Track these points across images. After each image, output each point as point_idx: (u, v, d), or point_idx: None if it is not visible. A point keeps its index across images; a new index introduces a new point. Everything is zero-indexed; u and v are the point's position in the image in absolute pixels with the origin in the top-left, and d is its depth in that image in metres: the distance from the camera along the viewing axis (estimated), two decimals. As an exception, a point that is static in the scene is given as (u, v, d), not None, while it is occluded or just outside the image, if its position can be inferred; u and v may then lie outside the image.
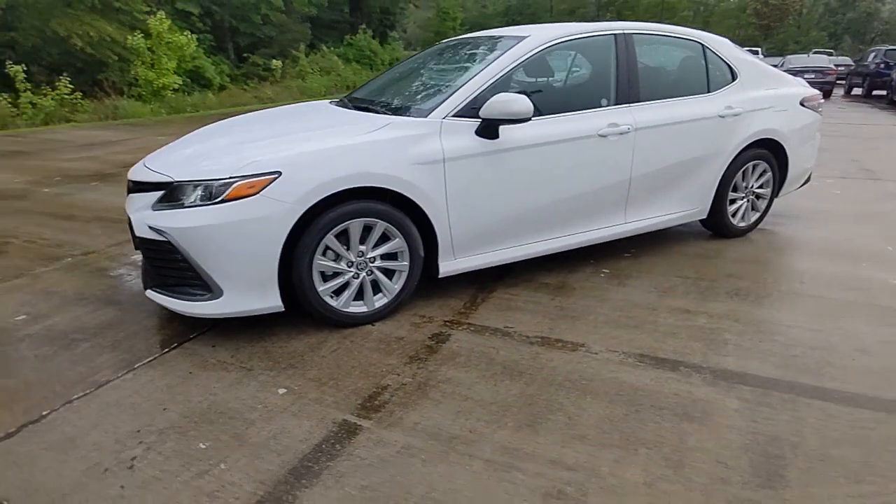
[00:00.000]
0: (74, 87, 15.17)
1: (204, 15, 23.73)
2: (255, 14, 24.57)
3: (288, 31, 25.41)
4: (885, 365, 2.53)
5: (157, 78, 16.19)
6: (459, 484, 1.86)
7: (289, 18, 25.59)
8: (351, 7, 30.81)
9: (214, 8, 24.12)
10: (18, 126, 13.05)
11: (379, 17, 30.96)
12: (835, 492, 1.81)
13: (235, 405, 2.29)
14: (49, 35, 18.46)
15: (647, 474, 1.89)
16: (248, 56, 24.32)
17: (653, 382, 2.42)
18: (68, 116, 14.31)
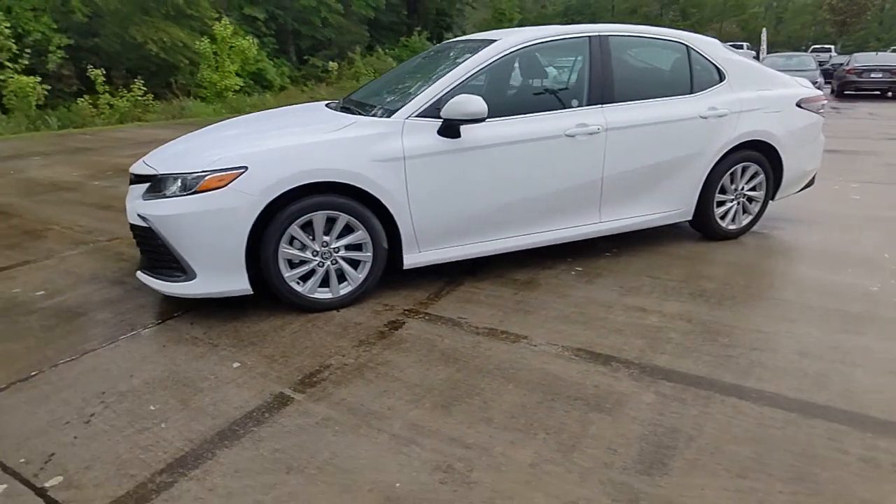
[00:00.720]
0: (147, 89, 16.22)
1: (268, 19, 24.75)
2: (316, 17, 25.41)
3: (346, 33, 26.14)
4: (821, 369, 2.49)
5: (220, 80, 17.09)
6: (360, 453, 2.02)
7: (347, 21, 26.30)
8: (408, 9, 31.32)
9: (278, 12, 25.10)
10: (96, 125, 14.11)
11: (435, 19, 31.34)
12: (711, 483, 1.85)
13: (192, 375, 2.54)
14: (128, 41, 19.83)
15: (536, 456, 1.99)
16: (308, 58, 25.21)
17: (578, 375, 2.49)
18: (140, 116, 15.34)
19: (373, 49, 27.42)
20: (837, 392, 2.32)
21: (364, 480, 1.89)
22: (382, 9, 28.05)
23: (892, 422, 2.14)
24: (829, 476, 1.87)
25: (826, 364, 2.53)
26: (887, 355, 2.58)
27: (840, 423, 2.13)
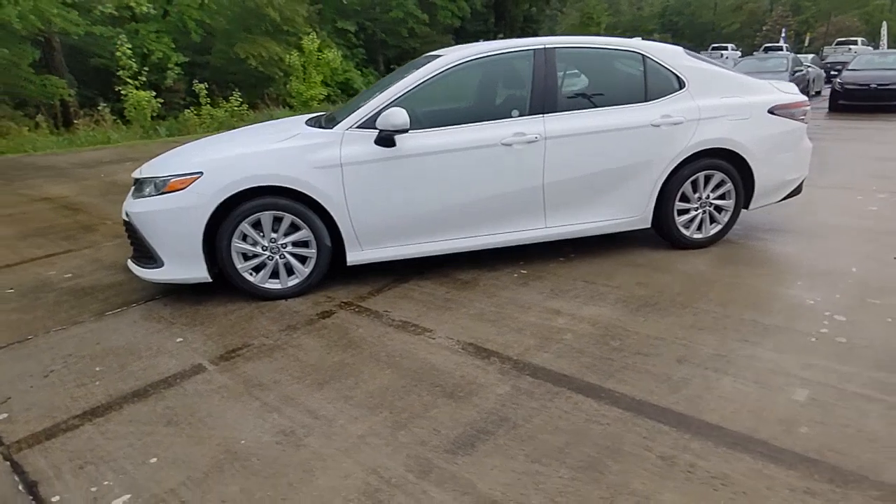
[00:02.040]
0: (243, 100, 17.77)
1: (359, 31, 26.06)
2: (403, 28, 26.40)
3: (431, 42, 26.90)
4: (687, 375, 2.52)
5: (307, 90, 18.33)
6: (229, 415, 2.38)
7: (432, 31, 27.07)
8: (496, 17, 31.60)
9: (368, 24, 26.39)
10: (199, 133, 15.70)
11: (522, 26, 31.38)
12: (503, 465, 2.02)
13: (141, 346, 3.03)
14: (232, 56, 21.76)
15: (368, 430, 2.25)
16: (394, 67, 26.24)
17: (453, 366, 2.70)
18: (235, 125, 16.85)
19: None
20: (686, 397, 2.36)
21: (219, 436, 2.25)
22: (468, 17, 28.56)
23: (719, 427, 2.17)
24: (618, 468, 1.97)
25: (697, 371, 2.55)
26: (766, 366, 2.55)
27: (665, 425, 2.19)
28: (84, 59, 21.77)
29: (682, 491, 1.86)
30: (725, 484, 1.88)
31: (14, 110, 17.59)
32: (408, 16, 26.59)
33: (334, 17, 25.93)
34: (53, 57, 20.87)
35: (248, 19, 22.40)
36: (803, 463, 1.96)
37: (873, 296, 3.21)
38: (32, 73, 18.69)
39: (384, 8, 26.96)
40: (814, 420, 2.18)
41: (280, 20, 22.03)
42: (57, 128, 17.63)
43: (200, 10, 20.68)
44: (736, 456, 2.01)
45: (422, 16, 26.72)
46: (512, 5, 31.74)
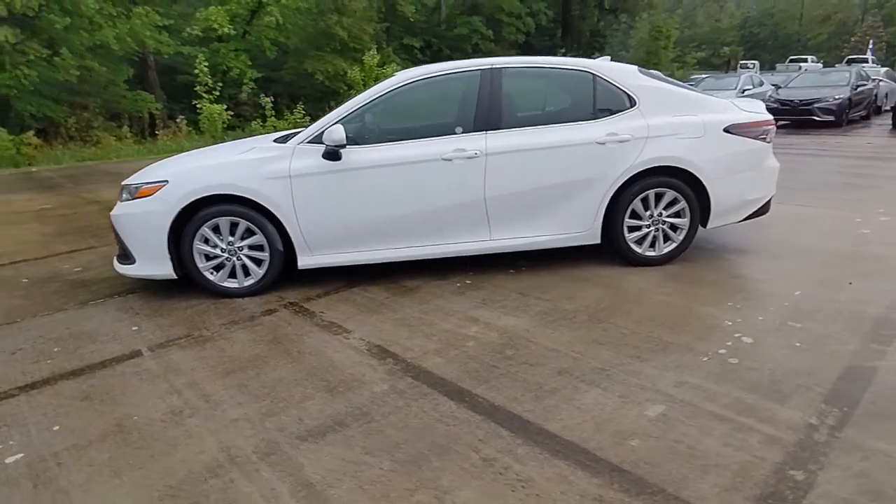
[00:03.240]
0: (306, 112, 18.75)
1: (424, 47, 26.74)
2: (468, 44, 26.81)
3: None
4: (558, 386, 2.58)
5: (365, 104, 19.07)
6: (138, 394, 2.69)
7: (497, 46, 27.32)
8: (562, 31, 31.44)
9: (434, 41, 27.01)
10: (261, 143, 16.72)
11: (588, 41, 31.02)
12: (340, 453, 2.18)
13: (100, 332, 3.42)
14: (301, 72, 22.99)
15: (242, 414, 2.48)
16: (456, 82, 26.70)
17: (350, 364, 2.89)
18: (296, 136, 17.80)
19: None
20: (544, 406, 2.43)
21: (119, 412, 2.55)
22: (533, 33, 28.61)
23: (555, 435, 2.23)
24: (438, 465, 2.10)
25: (570, 382, 2.60)
26: (639, 382, 2.57)
27: (506, 430, 2.28)
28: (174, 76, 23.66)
29: (482, 490, 1.96)
30: (525, 486, 1.96)
31: (108, 122, 19.40)
32: (472, 32, 27.02)
33: (402, 34, 26.79)
34: (148, 74, 22.89)
35: (319, 38, 23.61)
36: (611, 472, 2.00)
37: (799, 319, 3.10)
38: (126, 89, 20.57)
39: (450, 25, 27.54)
40: (650, 435, 2.19)
41: (348, 38, 23.08)
42: (144, 138, 19.34)
43: (276, 31, 22.07)
44: (552, 462, 2.07)
45: (486, 32, 27.07)
46: (579, 20, 31.49)
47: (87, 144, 16.99)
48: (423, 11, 26.38)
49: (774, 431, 2.18)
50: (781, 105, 12.37)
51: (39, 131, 17.46)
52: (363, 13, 23.39)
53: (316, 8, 22.70)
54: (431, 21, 27.64)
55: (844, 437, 2.12)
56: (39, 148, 15.60)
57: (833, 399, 2.37)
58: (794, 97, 12.27)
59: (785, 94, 12.69)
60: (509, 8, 27.55)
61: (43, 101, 17.86)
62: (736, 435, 2.17)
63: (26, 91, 17.08)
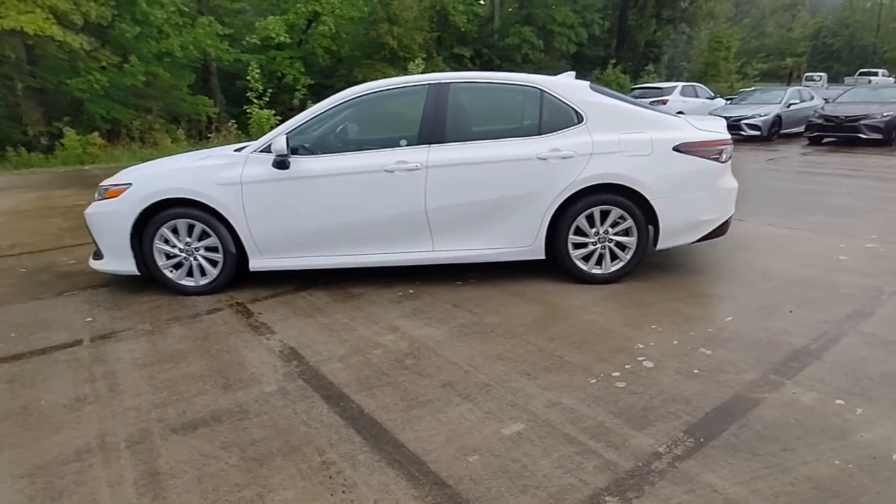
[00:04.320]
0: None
1: (474, 56, 26.93)
2: (517, 54, 26.80)
3: (545, 68, 26.98)
4: (435, 399, 2.61)
5: (407, 112, 19.42)
6: (57, 380, 2.92)
7: (547, 57, 27.14)
8: (618, 41, 30.85)
9: (485, 50, 27.15)
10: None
11: (643, 51, 30.28)
12: (196, 446, 2.31)
13: (58, 321, 3.71)
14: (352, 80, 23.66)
15: (137, 405, 2.65)
16: (504, 91, 26.72)
17: (257, 364, 3.02)
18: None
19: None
20: (410, 416, 2.48)
21: (32, 395, 2.78)
22: (585, 43, 28.24)
23: (402, 446, 2.27)
24: (278, 464, 2.19)
25: (448, 395, 2.64)
26: (514, 399, 2.57)
27: (360, 437, 2.35)
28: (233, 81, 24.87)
29: (304, 490, 2.03)
30: (346, 492, 2.02)
31: (168, 124, 20.61)
32: (523, 42, 26.97)
33: (453, 44, 27.07)
34: (209, 80, 24.17)
35: (370, 46, 24.24)
36: (433, 486, 2.03)
37: (713, 346, 3.00)
38: (188, 94, 21.79)
39: (502, 35, 27.61)
40: (492, 452, 2.20)
41: (397, 47, 23.57)
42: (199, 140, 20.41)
43: (330, 39, 22.82)
44: (384, 471, 2.12)
45: (537, 42, 26.95)
46: (635, 30, 30.81)
47: (146, 145, 18.11)
48: (475, 21, 26.54)
49: (615, 457, 2.14)
50: (826, 121, 11.71)
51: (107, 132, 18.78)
52: (414, 23, 23.82)
53: (369, 17, 23.31)
54: (484, 31, 27.78)
55: (681, 469, 2.06)
56: (103, 147, 16.76)
57: (696, 429, 2.29)
58: (839, 113, 11.58)
59: (831, 109, 11.99)
60: (562, 18, 27.31)
61: (111, 105, 19.14)
62: (575, 458, 2.15)
63: (97, 95, 18.38)
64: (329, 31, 22.11)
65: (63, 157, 15.50)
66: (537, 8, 27.60)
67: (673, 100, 15.02)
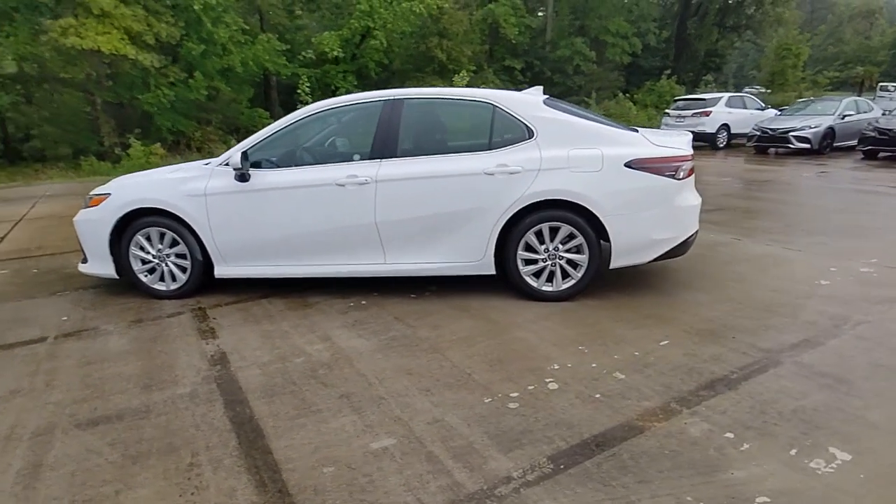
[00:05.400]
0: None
1: (525, 69, 26.83)
2: (569, 65, 26.47)
3: (597, 79, 26.54)
4: (326, 409, 2.65)
5: (451, 123, 19.61)
6: (6, 372, 3.17)
7: (599, 68, 26.67)
8: (676, 51, 29.89)
9: (535, 62, 27.02)
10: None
11: (704, 61, 29.17)
12: (85, 442, 2.46)
13: (38, 318, 4.01)
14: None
15: (60, 400, 2.84)
16: (554, 103, 26.45)
17: (184, 367, 3.16)
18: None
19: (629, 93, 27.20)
20: (293, 425, 2.53)
21: (-17, 384, 3.04)
22: (639, 53, 27.55)
23: (269, 453, 2.33)
24: (152, 463, 2.29)
25: (340, 406, 2.67)
26: (401, 414, 2.57)
27: (238, 441, 2.42)
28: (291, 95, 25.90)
29: (159, 490, 2.13)
30: (195, 493, 2.10)
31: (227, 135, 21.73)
32: (575, 54, 26.63)
33: (504, 56, 27.08)
34: (269, 93, 25.34)
35: (420, 60, 24.66)
36: (276, 494, 2.08)
37: (629, 371, 2.89)
38: (247, 107, 22.91)
39: (553, 46, 27.39)
40: (349, 465, 2.22)
41: (446, 60, 23.86)
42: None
43: (381, 53, 23.41)
44: (240, 476, 2.19)
45: (589, 53, 26.54)
46: (695, 39, 29.73)
47: (203, 154, 19.17)
48: (526, 34, 26.47)
49: (464, 479, 2.11)
50: (880, 134, 10.88)
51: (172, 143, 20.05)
52: (464, 36, 24.04)
53: (419, 31, 23.74)
54: (536, 43, 27.65)
55: (523, 495, 2.00)
56: (164, 157, 17.88)
57: (562, 456, 2.22)
58: (894, 126, 10.73)
59: (885, 121, 11.14)
60: (616, 28, 26.77)
61: (177, 117, 20.38)
62: (424, 477, 2.13)
63: (164, 108, 19.66)
64: (380, 45, 22.66)
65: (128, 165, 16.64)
66: (591, 19, 27.19)
67: (717, 111, 14.39)
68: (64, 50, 16.38)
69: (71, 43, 16.03)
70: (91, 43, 16.47)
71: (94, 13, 16.42)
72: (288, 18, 24.18)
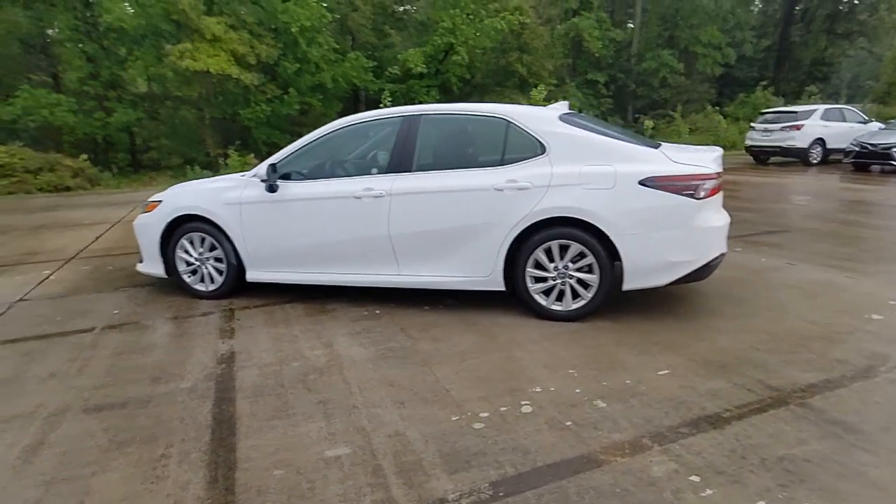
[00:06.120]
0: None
1: (609, 82, 26.13)
2: (655, 78, 25.45)
3: (683, 92, 25.31)
4: (291, 414, 2.72)
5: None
6: (44, 354, 3.51)
7: (688, 80, 25.43)
8: (777, 61, 27.87)
9: (619, 75, 26.25)
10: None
11: (808, 70, 26.94)
12: (84, 424, 2.69)
13: (95, 310, 4.41)
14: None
15: (77, 382, 3.12)
16: (638, 117, 25.48)
17: (193, 364, 3.34)
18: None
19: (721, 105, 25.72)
20: (266, 426, 2.61)
21: (28, 367, 3.37)
22: (733, 64, 25.95)
23: (234, 451, 2.42)
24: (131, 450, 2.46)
25: (314, 410, 2.72)
26: (367, 425, 2.58)
27: (211, 437, 2.53)
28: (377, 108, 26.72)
29: (125, 476, 2.27)
30: (155, 482, 2.22)
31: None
32: (661, 66, 25.57)
33: (586, 69, 26.53)
34: (357, 108, 26.42)
35: (500, 74, 24.71)
36: (222, 491, 2.16)
37: (614, 400, 2.72)
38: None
39: (639, 59, 26.47)
40: (299, 470, 2.27)
41: (527, 74, 23.74)
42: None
43: (463, 68, 23.71)
44: (198, 471, 2.29)
45: (677, 65, 25.38)
46: (799, 48, 27.54)
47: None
48: (611, 47, 25.77)
49: (399, 496, 2.08)
50: None
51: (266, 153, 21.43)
52: (545, 50, 23.83)
53: (500, 46, 23.80)
54: (620, 56, 26.85)
55: (448, 519, 1.94)
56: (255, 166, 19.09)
57: (505, 483, 2.14)
58: None
59: None
60: (708, 38, 25.41)
61: (272, 131, 21.73)
62: (363, 490, 2.13)
63: (261, 122, 21.07)
64: (462, 60, 22.95)
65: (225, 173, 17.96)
66: (681, 30, 26.00)
67: (811, 124, 13.23)
68: (180, 71, 17.98)
69: (186, 65, 17.57)
70: (202, 65, 17.95)
71: (206, 38, 17.94)
72: (376, 37, 25.09)
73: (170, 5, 17.41)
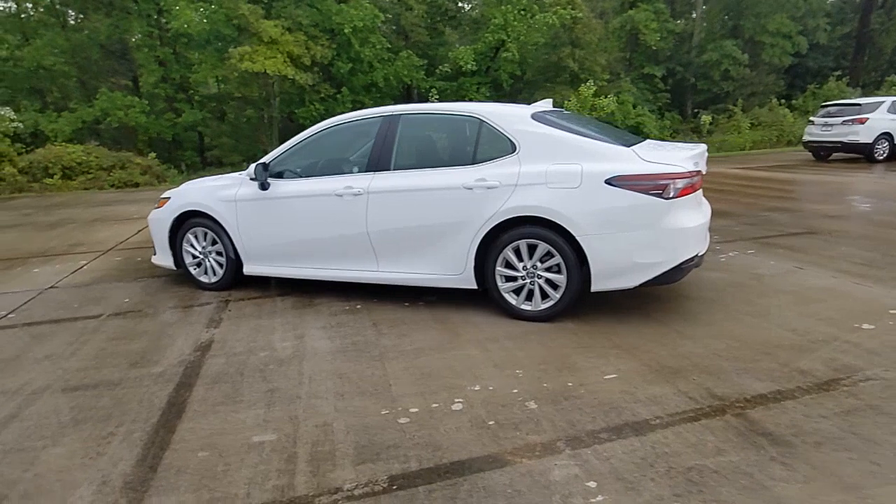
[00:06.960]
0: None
1: (666, 76, 25.14)
2: (716, 71, 24.27)
3: (747, 84, 23.99)
4: (246, 399, 2.86)
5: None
6: (50, 337, 3.84)
7: (753, 72, 24.07)
8: (856, 49, 25.90)
9: (678, 68, 25.21)
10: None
11: (890, 59, 24.84)
12: (59, 402, 2.94)
13: (108, 298, 4.76)
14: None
15: (67, 364, 3.40)
16: (697, 111, 24.38)
17: (176, 350, 3.57)
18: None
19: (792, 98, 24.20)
20: (209, 411, 2.76)
21: (33, 347, 3.72)
22: (804, 53, 24.33)
23: (173, 433, 2.58)
24: (92, 432, 2.68)
25: (260, 398, 2.85)
26: (304, 415, 2.68)
27: (158, 420, 2.71)
28: (431, 107, 26.84)
29: (72, 450, 2.47)
30: (94, 458, 2.41)
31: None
32: (724, 57, 24.28)
33: (643, 63, 25.61)
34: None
35: (551, 70, 24.31)
36: (147, 469, 2.31)
37: (548, 402, 2.68)
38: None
39: (700, 51, 25.30)
40: (221, 453, 2.39)
41: (578, 70, 23.23)
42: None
43: (514, 65, 23.50)
44: (134, 450, 2.46)
45: (741, 57, 24.04)
46: (880, 35, 25.43)
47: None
48: (669, 39, 24.73)
49: (301, 483, 2.16)
50: None
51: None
52: (598, 44, 23.22)
53: (552, 41, 23.40)
54: (679, 48, 25.75)
55: None
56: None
57: (405, 477, 2.17)
58: None
59: None
60: (776, 27, 23.87)
61: (325, 128, 22.33)
62: (270, 475, 2.22)
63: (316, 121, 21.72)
64: (513, 57, 22.73)
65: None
66: (746, 18, 24.59)
67: (876, 118, 12.23)
68: (240, 73, 18.84)
69: (245, 67, 18.38)
70: (260, 66, 18.72)
71: (264, 41, 18.70)
72: (430, 36, 25.24)
73: (231, 10, 18.26)
